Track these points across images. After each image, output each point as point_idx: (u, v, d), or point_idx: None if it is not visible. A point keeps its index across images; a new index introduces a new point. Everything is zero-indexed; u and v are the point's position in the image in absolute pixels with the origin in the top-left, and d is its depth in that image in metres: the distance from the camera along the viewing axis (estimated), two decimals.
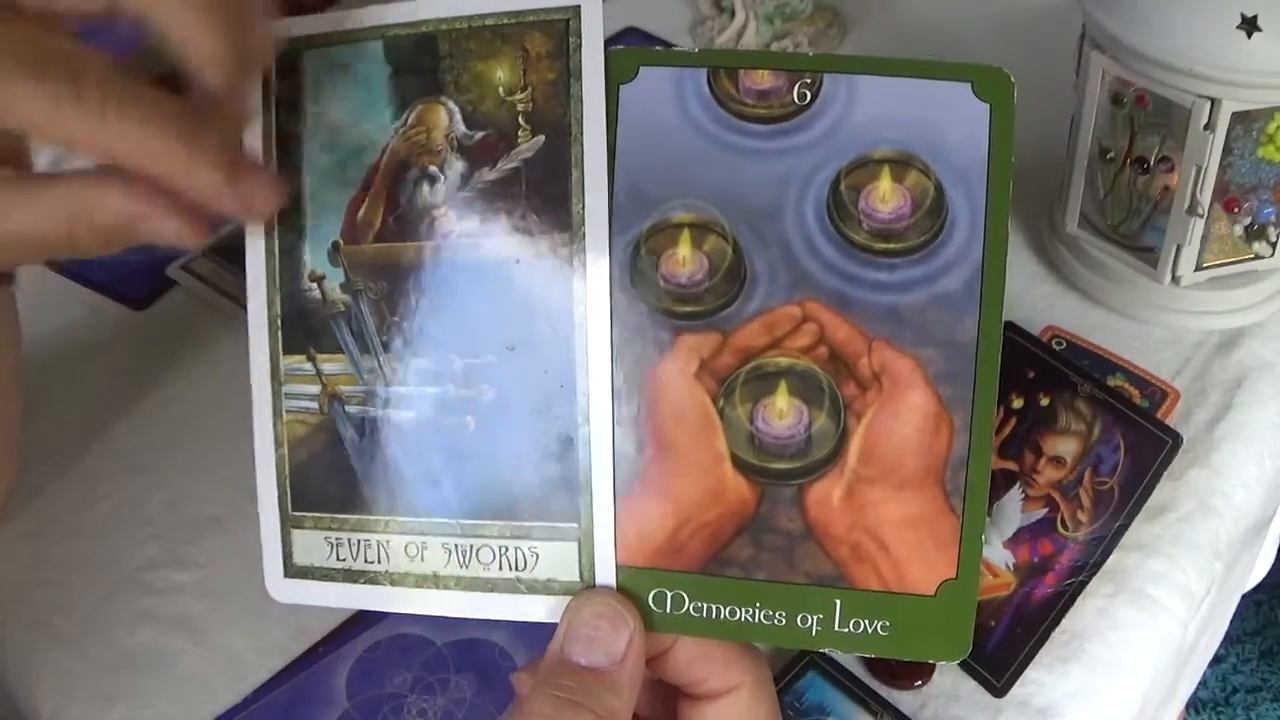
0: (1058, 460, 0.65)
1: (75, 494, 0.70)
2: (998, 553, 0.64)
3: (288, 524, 0.43)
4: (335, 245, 0.42)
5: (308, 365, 0.42)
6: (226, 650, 0.64)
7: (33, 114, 0.36)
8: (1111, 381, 0.72)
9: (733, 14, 0.99)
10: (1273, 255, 0.72)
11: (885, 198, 0.39)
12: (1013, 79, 0.38)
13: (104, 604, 0.66)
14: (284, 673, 0.63)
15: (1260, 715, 1.58)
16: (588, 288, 0.40)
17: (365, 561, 0.42)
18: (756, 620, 0.39)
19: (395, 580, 0.42)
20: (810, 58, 0.39)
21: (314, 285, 0.42)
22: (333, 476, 0.42)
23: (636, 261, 0.40)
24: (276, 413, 0.43)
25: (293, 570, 0.43)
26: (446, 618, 0.42)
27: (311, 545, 0.43)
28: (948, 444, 0.39)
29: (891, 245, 0.39)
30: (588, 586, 0.40)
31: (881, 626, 0.39)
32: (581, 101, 0.40)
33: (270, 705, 0.61)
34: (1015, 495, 0.65)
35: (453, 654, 0.62)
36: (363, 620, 0.63)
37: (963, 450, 0.38)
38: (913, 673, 0.61)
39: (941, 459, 0.39)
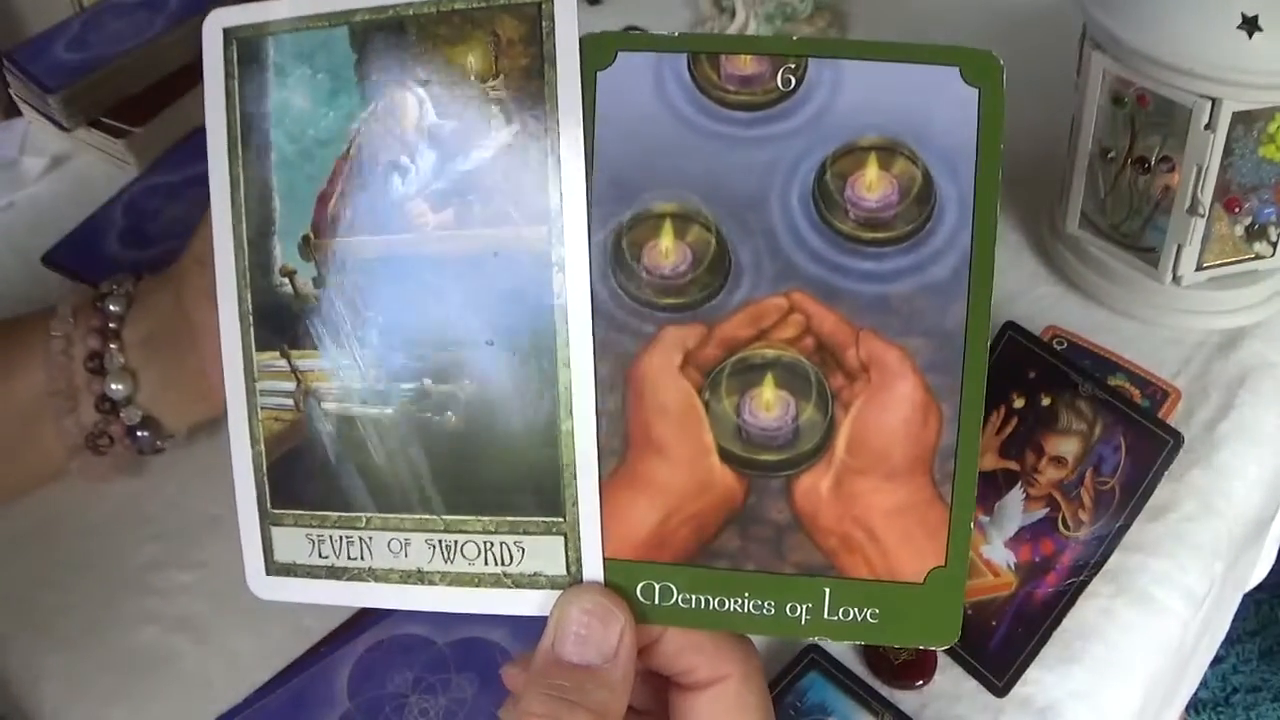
0: (1059, 460, 0.65)
1: (77, 494, 0.70)
2: (999, 552, 0.63)
3: (267, 521, 0.42)
4: (306, 239, 0.41)
5: (281, 362, 0.42)
6: (228, 650, 0.63)
7: None
8: (1113, 381, 0.71)
9: (733, 14, 0.98)
10: (1273, 255, 0.72)
11: (872, 186, 0.38)
12: (1001, 62, 0.38)
13: (106, 604, 0.65)
14: (285, 673, 0.62)
15: (1260, 715, 1.57)
16: (567, 280, 0.39)
17: (349, 558, 0.41)
18: (745, 610, 0.39)
19: (380, 577, 0.41)
20: (794, 41, 0.39)
21: (285, 280, 0.41)
22: (312, 473, 0.42)
23: (618, 253, 0.39)
24: (251, 409, 0.42)
25: (274, 568, 0.42)
26: (447, 616, 0.41)
27: (293, 542, 0.42)
28: (936, 433, 0.38)
29: (879, 234, 0.38)
30: (575, 580, 0.40)
31: (871, 614, 0.38)
32: (556, 88, 0.39)
33: (271, 705, 0.61)
34: (1016, 495, 0.65)
35: (454, 653, 0.61)
36: (364, 620, 0.63)
37: (951, 439, 0.38)
38: (914, 672, 0.61)
39: (930, 448, 0.38)
